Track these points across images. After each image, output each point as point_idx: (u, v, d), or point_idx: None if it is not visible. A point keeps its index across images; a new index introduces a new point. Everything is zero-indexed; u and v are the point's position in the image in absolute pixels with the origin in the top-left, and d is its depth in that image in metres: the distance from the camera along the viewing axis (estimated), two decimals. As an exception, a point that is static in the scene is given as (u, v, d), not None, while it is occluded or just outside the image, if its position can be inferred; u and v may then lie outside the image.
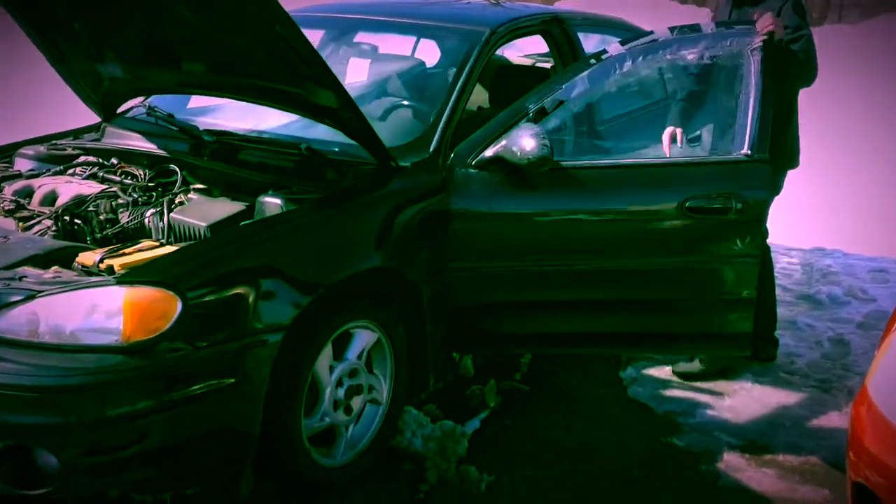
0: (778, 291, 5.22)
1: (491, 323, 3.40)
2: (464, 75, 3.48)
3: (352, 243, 2.97)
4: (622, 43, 3.42)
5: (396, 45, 4.41)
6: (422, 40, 4.35)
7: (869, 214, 6.75)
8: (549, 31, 4.00)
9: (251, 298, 2.63)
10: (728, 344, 3.46)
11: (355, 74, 4.20)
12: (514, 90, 3.58)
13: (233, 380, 2.59)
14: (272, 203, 2.96)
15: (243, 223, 2.91)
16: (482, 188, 3.26)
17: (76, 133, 3.76)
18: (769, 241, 5.96)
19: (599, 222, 3.29)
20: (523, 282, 3.34)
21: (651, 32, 3.43)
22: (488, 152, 3.26)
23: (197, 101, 3.93)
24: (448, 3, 4.42)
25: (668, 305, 3.40)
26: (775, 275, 5.48)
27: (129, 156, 3.44)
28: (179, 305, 2.48)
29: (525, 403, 3.77)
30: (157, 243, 2.87)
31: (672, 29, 3.41)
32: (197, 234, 2.91)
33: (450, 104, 3.40)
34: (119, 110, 3.81)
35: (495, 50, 3.71)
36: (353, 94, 3.85)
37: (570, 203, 3.27)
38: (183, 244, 2.86)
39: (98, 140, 3.62)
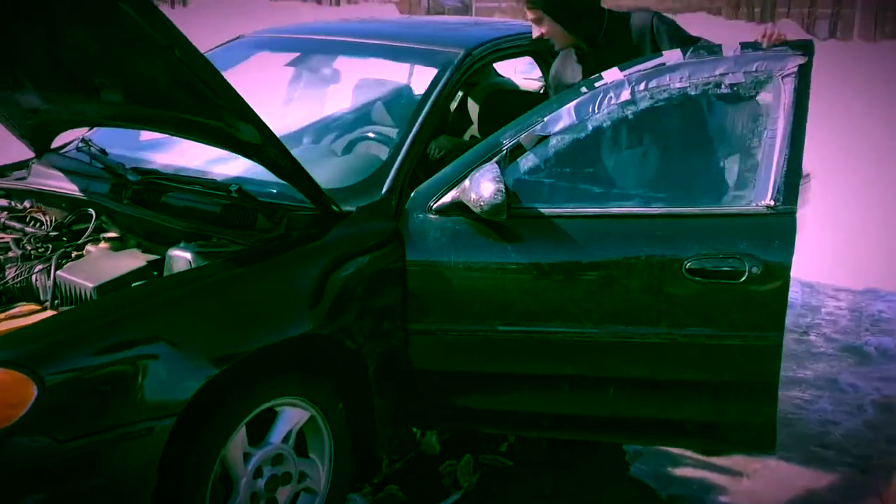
0: (820, 341, 4.64)
1: (454, 396, 2.88)
2: (428, 105, 2.99)
3: (274, 306, 2.48)
4: (622, 67, 2.87)
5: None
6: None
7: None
8: (539, 53, 3.48)
9: (134, 377, 2.17)
10: (744, 437, 2.86)
11: (334, 102, 3.75)
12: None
13: (103, 480, 2.12)
14: (180, 258, 2.50)
15: (136, 284, 2.44)
16: (442, 237, 2.76)
17: (4, 169, 3.34)
18: (814, 280, 5.45)
19: (578, 282, 2.75)
20: (490, 349, 2.81)
21: (659, 55, 2.87)
22: (449, 196, 2.76)
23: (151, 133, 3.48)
24: (442, 22, 3.92)
25: (668, 387, 2.82)
26: (819, 321, 4.92)
27: (48, 198, 3.01)
28: (34, 390, 2.03)
29: (505, 484, 3.24)
30: (39, 307, 2.42)
31: (685, 50, 2.85)
32: (83, 296, 2.45)
33: (409, 138, 2.91)
34: (56, 144, 3.38)
35: (469, 74, 3.20)
36: (316, 124, 3.47)
37: (544, 257, 2.74)
38: (65, 309, 2.41)
39: (24, 179, 3.19)
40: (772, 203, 2.68)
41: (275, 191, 2.78)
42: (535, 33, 3.18)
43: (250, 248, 2.56)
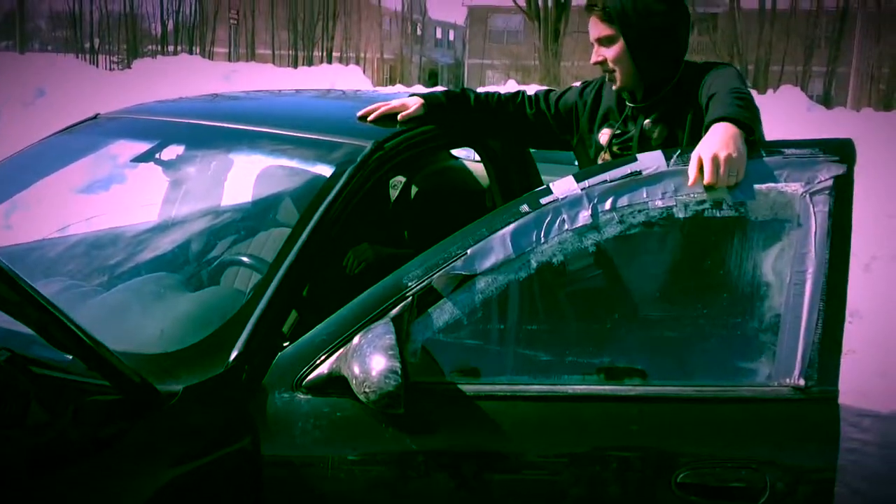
0: (845, 495, 3.72)
1: None
2: (312, 222, 2.10)
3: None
4: (578, 177, 1.99)
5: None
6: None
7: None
8: (488, 146, 2.62)
9: None
10: None
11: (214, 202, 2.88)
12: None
13: None
14: None
15: None
16: (316, 428, 1.86)
17: None
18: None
19: (515, 500, 1.86)
20: None
21: (633, 159, 1.99)
22: (326, 366, 1.88)
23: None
24: (359, 99, 3.04)
25: None
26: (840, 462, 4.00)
27: None
28: None
29: None
30: None
31: (668, 153, 1.98)
32: None
33: (279, 273, 2.02)
34: None
35: (381, 175, 2.32)
36: (181, 240, 2.59)
37: (464, 460, 1.86)
38: None
39: None
40: (802, 383, 1.81)
41: (71, 358, 1.88)
42: (596, 58, 2.33)
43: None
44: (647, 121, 2.34)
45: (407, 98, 2.50)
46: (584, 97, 2.52)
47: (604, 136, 2.43)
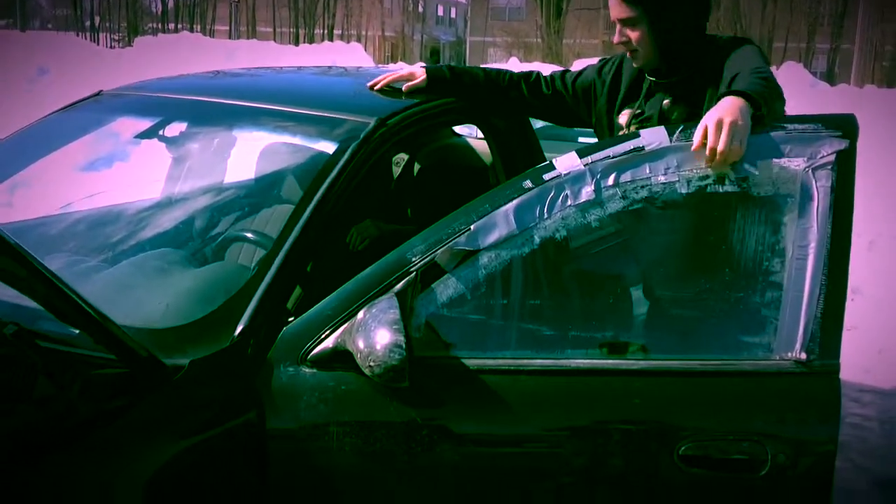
0: (848, 470, 3.74)
1: None
2: (315, 198, 2.10)
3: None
4: (582, 153, 2.00)
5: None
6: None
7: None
8: (488, 119, 2.62)
9: None
10: None
11: (218, 179, 2.89)
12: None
13: None
14: None
15: None
16: (321, 402, 1.88)
17: None
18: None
19: (518, 475, 1.87)
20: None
21: (636, 135, 1.99)
22: (331, 340, 1.89)
23: None
24: (361, 76, 3.03)
25: None
26: (841, 438, 4.02)
27: None
28: None
29: None
30: None
31: (671, 129, 1.98)
32: None
33: (283, 249, 2.03)
34: None
35: (384, 152, 2.32)
36: (185, 216, 2.60)
37: (467, 434, 1.88)
38: None
39: None
40: (803, 357, 1.82)
41: (77, 332, 1.89)
42: (619, 38, 2.33)
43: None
44: (665, 101, 2.34)
45: (414, 68, 2.51)
46: (602, 76, 2.51)
47: (623, 116, 2.43)
